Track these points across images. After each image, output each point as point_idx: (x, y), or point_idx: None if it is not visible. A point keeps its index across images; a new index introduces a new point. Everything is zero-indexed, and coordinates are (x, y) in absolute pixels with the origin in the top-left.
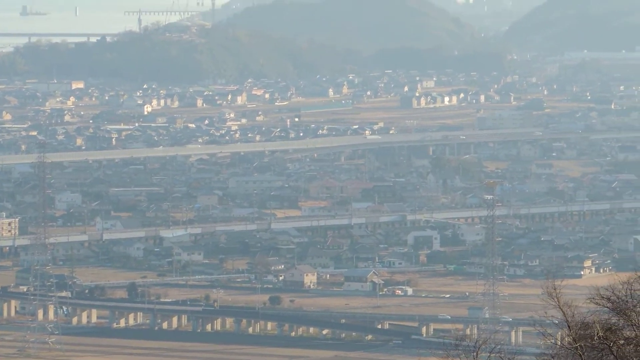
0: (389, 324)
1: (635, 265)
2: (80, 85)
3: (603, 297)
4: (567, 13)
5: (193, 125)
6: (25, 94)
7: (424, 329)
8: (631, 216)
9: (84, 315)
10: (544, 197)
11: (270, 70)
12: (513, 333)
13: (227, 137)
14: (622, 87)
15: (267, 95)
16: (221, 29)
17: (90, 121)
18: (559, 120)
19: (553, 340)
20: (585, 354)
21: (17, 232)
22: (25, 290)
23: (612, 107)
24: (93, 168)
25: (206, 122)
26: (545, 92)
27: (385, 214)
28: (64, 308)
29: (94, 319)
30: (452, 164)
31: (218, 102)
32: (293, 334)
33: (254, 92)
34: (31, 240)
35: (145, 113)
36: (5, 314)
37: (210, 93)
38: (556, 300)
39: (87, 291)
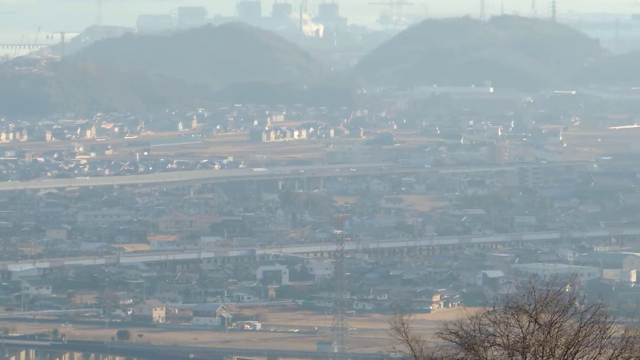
0: (238, 358)
1: (484, 299)
2: None
3: (451, 332)
4: (416, 47)
5: (42, 159)
6: None
7: None
8: (480, 251)
9: None
10: (393, 231)
11: (120, 104)
12: None
13: (76, 171)
14: (471, 122)
15: (116, 129)
16: (70, 63)
17: None
18: (408, 154)
19: None
20: None
21: None
22: None
23: (462, 141)
24: None
25: (55, 155)
26: (395, 127)
27: (234, 248)
28: None
29: None
30: (302, 198)
31: (67, 135)
32: None
33: (103, 126)
34: None
35: None
36: None
37: (59, 127)
38: (404, 335)
39: None
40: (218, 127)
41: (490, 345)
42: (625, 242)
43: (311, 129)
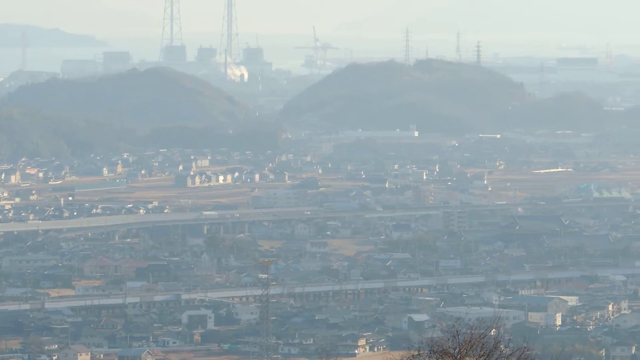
0: None
1: (409, 343)
2: None
3: None
4: (341, 92)
5: None
6: None
7: None
8: (405, 295)
9: None
10: (319, 275)
11: (45, 149)
12: None
13: (0, 217)
14: (396, 166)
15: (41, 174)
16: None
17: None
18: (333, 199)
19: None
20: None
21: None
22: None
23: (387, 185)
24: None
25: None
26: (320, 171)
27: (160, 293)
28: None
29: None
30: (227, 243)
31: None
32: None
33: (27, 171)
34: None
35: None
36: None
37: None
38: None
39: None
40: (143, 171)
41: None
42: (550, 286)
43: (236, 174)
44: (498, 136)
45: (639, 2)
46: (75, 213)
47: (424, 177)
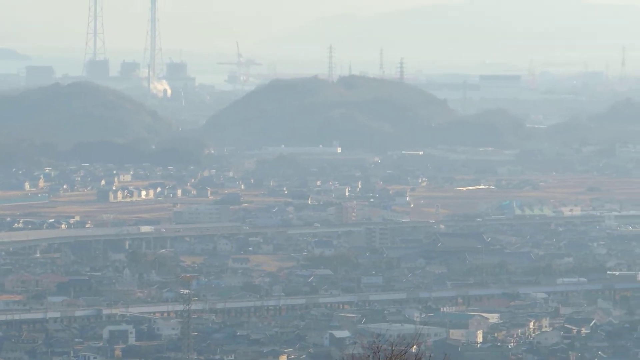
0: None
1: None
2: None
3: None
4: (265, 107)
5: None
6: None
7: None
8: (326, 311)
9: None
10: (240, 291)
11: None
12: None
13: None
14: (318, 182)
15: None
16: None
17: None
18: (255, 215)
19: None
20: None
21: None
22: None
23: (309, 202)
24: None
25: None
26: (243, 187)
27: (81, 308)
28: None
29: None
30: (149, 258)
31: None
32: None
33: None
34: None
35: None
36: None
37: None
38: None
39: None
40: (65, 186)
41: None
42: (471, 303)
43: (158, 189)
44: (421, 153)
45: (548, 21)
46: None
47: (347, 194)
